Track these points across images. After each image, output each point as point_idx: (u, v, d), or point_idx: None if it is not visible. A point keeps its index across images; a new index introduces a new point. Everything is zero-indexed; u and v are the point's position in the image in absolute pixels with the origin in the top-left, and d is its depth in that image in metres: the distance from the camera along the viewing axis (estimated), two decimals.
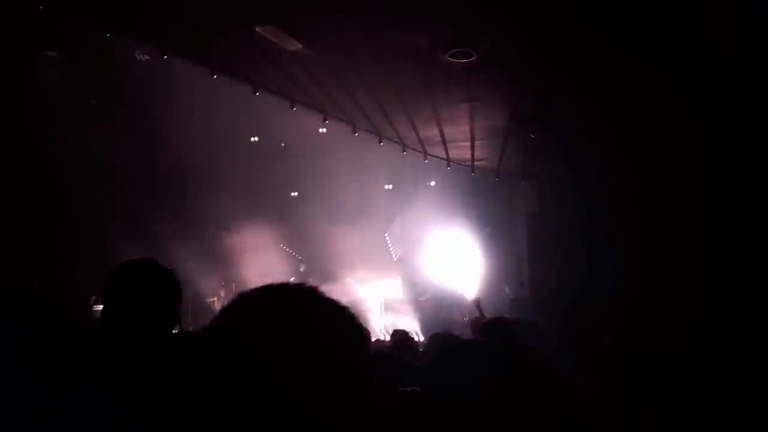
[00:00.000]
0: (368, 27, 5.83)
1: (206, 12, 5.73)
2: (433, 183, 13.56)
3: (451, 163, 10.71)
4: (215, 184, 11.89)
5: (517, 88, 7.28)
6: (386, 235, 13.98)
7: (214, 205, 12.05)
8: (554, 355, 1.27)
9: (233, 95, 8.68)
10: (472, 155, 10.07)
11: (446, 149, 9.95)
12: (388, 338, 8.26)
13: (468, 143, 9.50)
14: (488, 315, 7.27)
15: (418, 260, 13.34)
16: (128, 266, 1.92)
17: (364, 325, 0.93)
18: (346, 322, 0.90)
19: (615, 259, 8.84)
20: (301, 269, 12.89)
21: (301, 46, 6.15)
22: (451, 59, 6.20)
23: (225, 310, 0.91)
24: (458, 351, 1.39)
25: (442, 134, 9.15)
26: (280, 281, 0.96)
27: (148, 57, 8.73)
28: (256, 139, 12.88)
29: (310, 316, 0.88)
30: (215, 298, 12.01)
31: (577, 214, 10.37)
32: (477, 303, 9.17)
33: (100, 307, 2.05)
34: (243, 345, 0.84)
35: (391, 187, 13.66)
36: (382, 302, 12.85)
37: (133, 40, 7.13)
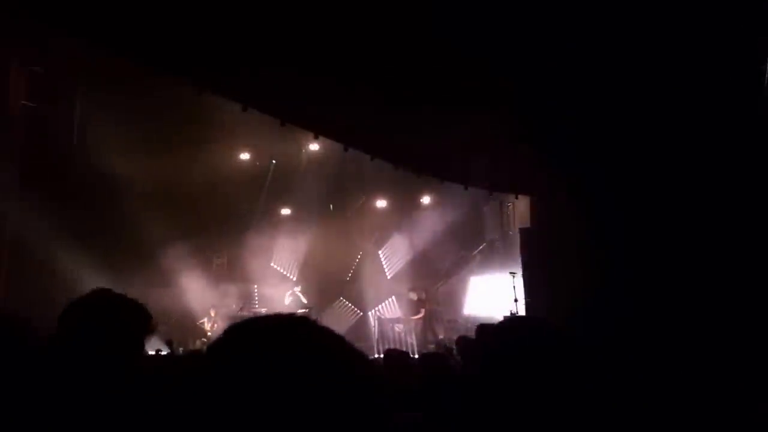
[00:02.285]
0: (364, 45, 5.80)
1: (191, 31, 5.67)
2: (426, 200, 13.49)
3: (444, 180, 10.63)
4: (204, 203, 11.79)
5: (511, 108, 7.26)
6: (380, 252, 13.86)
7: (202, 224, 11.93)
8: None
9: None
10: (466, 171, 9.99)
11: (439, 165, 9.88)
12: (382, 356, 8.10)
13: (461, 159, 9.43)
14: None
15: (413, 277, 13.24)
16: (83, 298, 1.80)
17: (362, 354, 0.92)
18: (343, 354, 0.89)
19: (611, 275, 8.76)
20: (297, 289, 12.71)
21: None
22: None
23: (213, 346, 0.90)
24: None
25: (434, 150, 9.08)
26: (273, 313, 0.96)
27: None
28: (247, 156, 12.77)
29: (306, 349, 0.87)
30: (205, 319, 11.81)
31: (571, 230, 10.31)
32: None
33: None
34: (235, 382, 0.83)
35: (384, 204, 13.56)
36: (375, 321, 12.68)
37: (114, 56, 7.02)
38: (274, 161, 13.14)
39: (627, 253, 8.47)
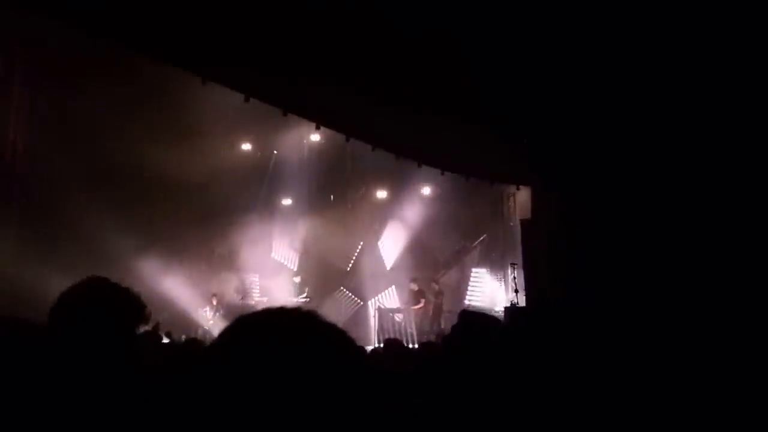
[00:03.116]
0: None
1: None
2: (426, 190, 13.49)
3: (445, 171, 10.64)
4: (206, 194, 11.81)
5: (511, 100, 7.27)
6: (380, 243, 13.89)
7: (203, 213, 11.96)
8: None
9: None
10: (467, 163, 10.00)
11: (440, 157, 9.89)
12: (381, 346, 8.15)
13: (462, 151, 9.44)
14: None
15: (413, 268, 13.26)
16: (76, 287, 1.78)
17: (361, 347, 0.94)
18: (344, 349, 0.90)
19: (611, 266, 8.77)
20: (296, 280, 12.76)
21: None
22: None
23: (223, 334, 0.91)
24: None
25: (436, 142, 9.09)
26: (279, 305, 0.97)
27: None
28: (249, 146, 12.78)
29: (309, 343, 0.88)
30: (207, 308, 11.86)
31: (572, 221, 10.31)
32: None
33: None
34: (239, 372, 0.84)
35: (385, 194, 13.57)
36: (376, 310, 12.73)
37: (119, 46, 7.03)
38: (275, 152, 13.16)
39: (628, 244, 8.49)
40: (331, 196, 13.68)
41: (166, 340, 7.51)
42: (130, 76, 9.24)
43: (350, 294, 13.50)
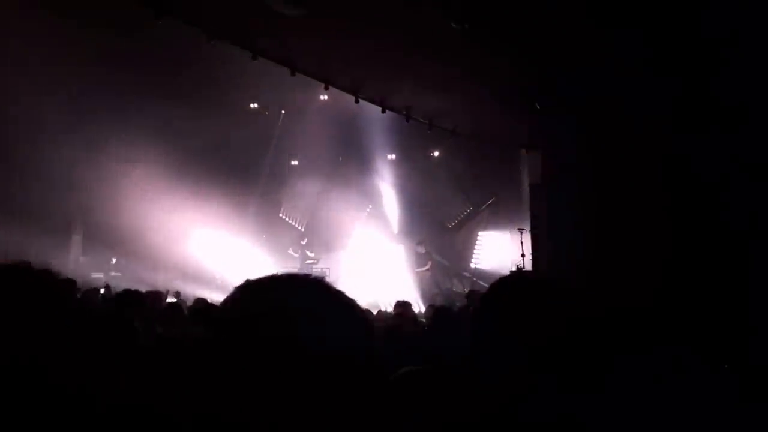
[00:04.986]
0: None
1: None
2: (436, 153, 13.40)
3: (455, 134, 10.54)
4: (213, 153, 11.76)
5: (522, 60, 7.12)
6: (388, 204, 13.89)
7: (212, 174, 11.94)
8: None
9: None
10: (477, 126, 9.89)
11: (450, 119, 9.78)
12: (389, 309, 8.26)
13: (472, 114, 9.33)
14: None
15: (420, 230, 13.29)
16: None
17: (369, 319, 0.94)
18: (351, 319, 0.90)
19: (618, 232, 8.73)
20: (303, 242, 12.81)
21: (302, 11, 5.98)
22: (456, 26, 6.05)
23: (229, 300, 0.91)
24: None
25: (446, 104, 8.98)
26: (287, 271, 0.97)
27: None
28: (256, 105, 12.66)
29: (314, 311, 0.88)
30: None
31: (581, 186, 10.24)
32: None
33: None
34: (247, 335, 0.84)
35: (394, 157, 13.49)
36: (383, 273, 12.81)
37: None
38: (283, 111, 13.04)
39: (638, 210, 8.43)
40: (340, 158, 13.61)
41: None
42: (131, 32, 9.05)
43: (357, 255, 13.58)
